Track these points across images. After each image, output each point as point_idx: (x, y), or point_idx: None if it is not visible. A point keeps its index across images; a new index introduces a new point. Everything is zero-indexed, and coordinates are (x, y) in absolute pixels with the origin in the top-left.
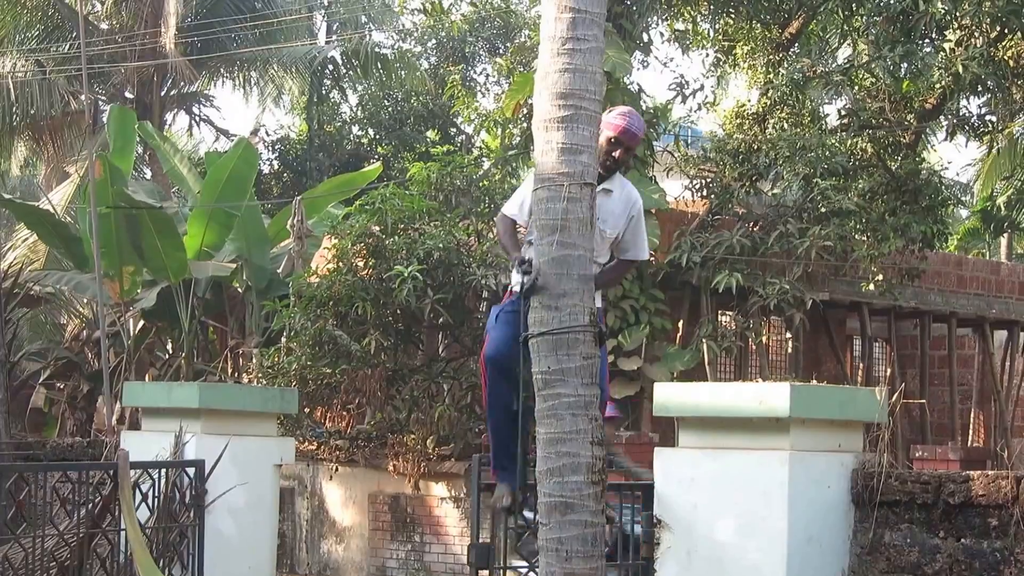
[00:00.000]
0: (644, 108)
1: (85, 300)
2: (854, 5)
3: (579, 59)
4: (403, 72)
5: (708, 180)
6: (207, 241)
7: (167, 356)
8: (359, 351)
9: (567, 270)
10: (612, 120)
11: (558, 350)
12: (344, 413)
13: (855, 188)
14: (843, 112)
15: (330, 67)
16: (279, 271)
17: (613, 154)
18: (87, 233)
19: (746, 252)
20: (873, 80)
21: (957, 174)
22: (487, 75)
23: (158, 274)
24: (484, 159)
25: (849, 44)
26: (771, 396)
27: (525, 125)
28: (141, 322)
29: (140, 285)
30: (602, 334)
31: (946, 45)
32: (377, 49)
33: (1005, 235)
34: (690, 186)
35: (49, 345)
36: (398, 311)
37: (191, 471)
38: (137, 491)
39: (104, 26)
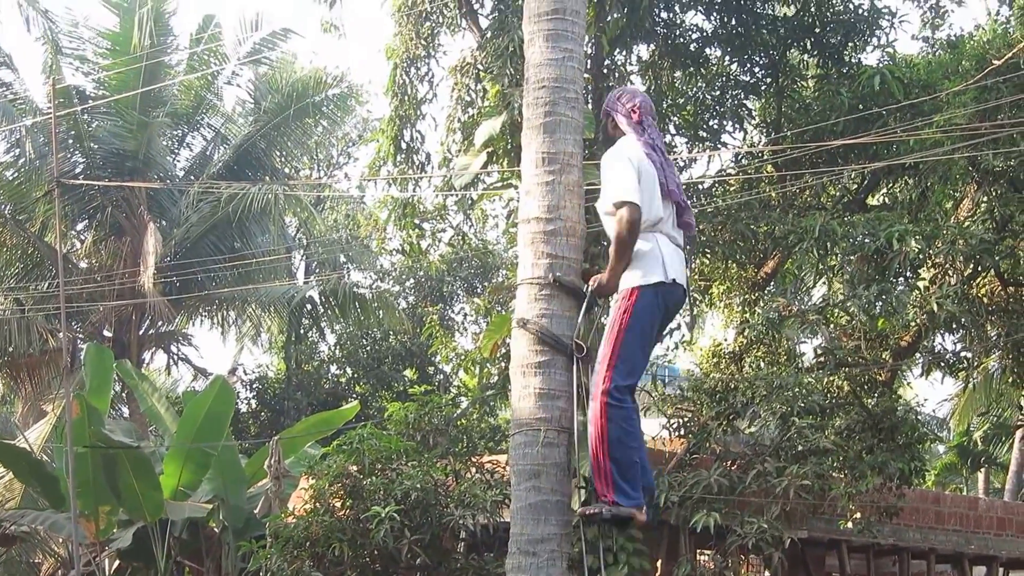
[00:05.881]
0: None
1: (61, 539)
2: (829, 244)
3: (556, 305)
4: (381, 312)
5: (685, 419)
6: (184, 481)
7: None
8: None
9: (545, 516)
10: None
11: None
12: None
13: (832, 426)
14: (819, 350)
15: (308, 306)
16: (256, 511)
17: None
18: (63, 472)
19: (724, 491)
20: (848, 318)
21: (933, 410)
22: (465, 314)
23: (134, 514)
24: (462, 398)
25: (824, 283)
26: None
27: (503, 365)
28: (117, 562)
29: (116, 525)
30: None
31: (920, 283)
32: (355, 289)
33: (982, 470)
34: (667, 425)
35: None
36: (375, 552)
37: None
38: None
39: (83, 265)
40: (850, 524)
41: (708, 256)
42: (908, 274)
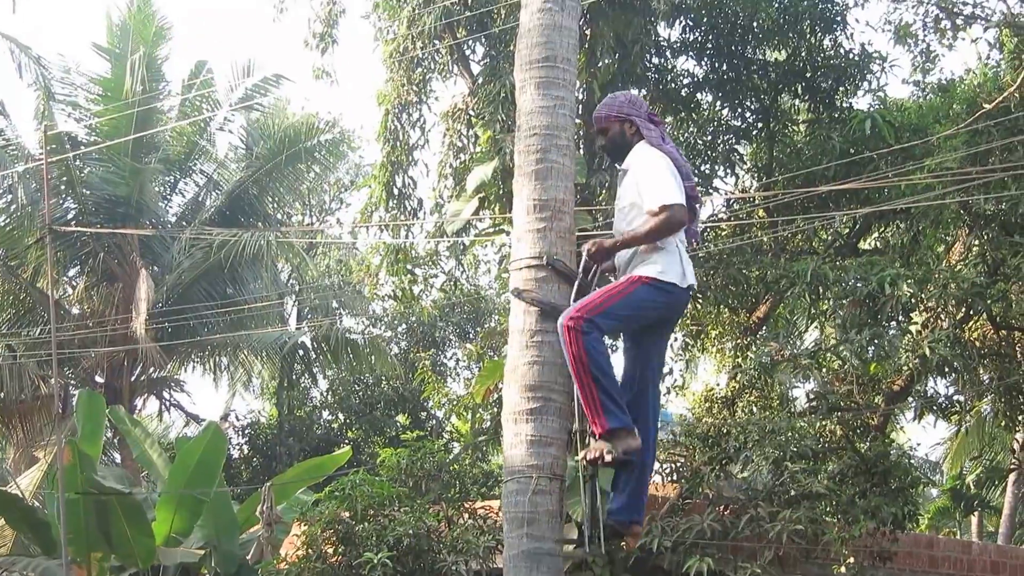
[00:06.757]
0: None
1: None
2: (821, 289)
3: (548, 351)
4: (373, 357)
5: (678, 464)
6: (176, 527)
7: None
8: None
9: (537, 564)
10: None
11: None
12: None
13: (825, 471)
14: (811, 395)
15: (300, 352)
16: (248, 558)
17: (600, 144)
18: (55, 518)
19: (717, 536)
20: (841, 363)
21: (926, 453)
22: (457, 360)
23: (126, 560)
24: (454, 444)
25: (817, 327)
26: None
27: (495, 410)
28: None
29: (108, 571)
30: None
31: (913, 327)
32: (347, 334)
33: (975, 514)
34: (660, 470)
35: None
36: None
37: None
38: None
39: (75, 311)
40: (843, 569)
41: (700, 301)
42: (900, 318)
